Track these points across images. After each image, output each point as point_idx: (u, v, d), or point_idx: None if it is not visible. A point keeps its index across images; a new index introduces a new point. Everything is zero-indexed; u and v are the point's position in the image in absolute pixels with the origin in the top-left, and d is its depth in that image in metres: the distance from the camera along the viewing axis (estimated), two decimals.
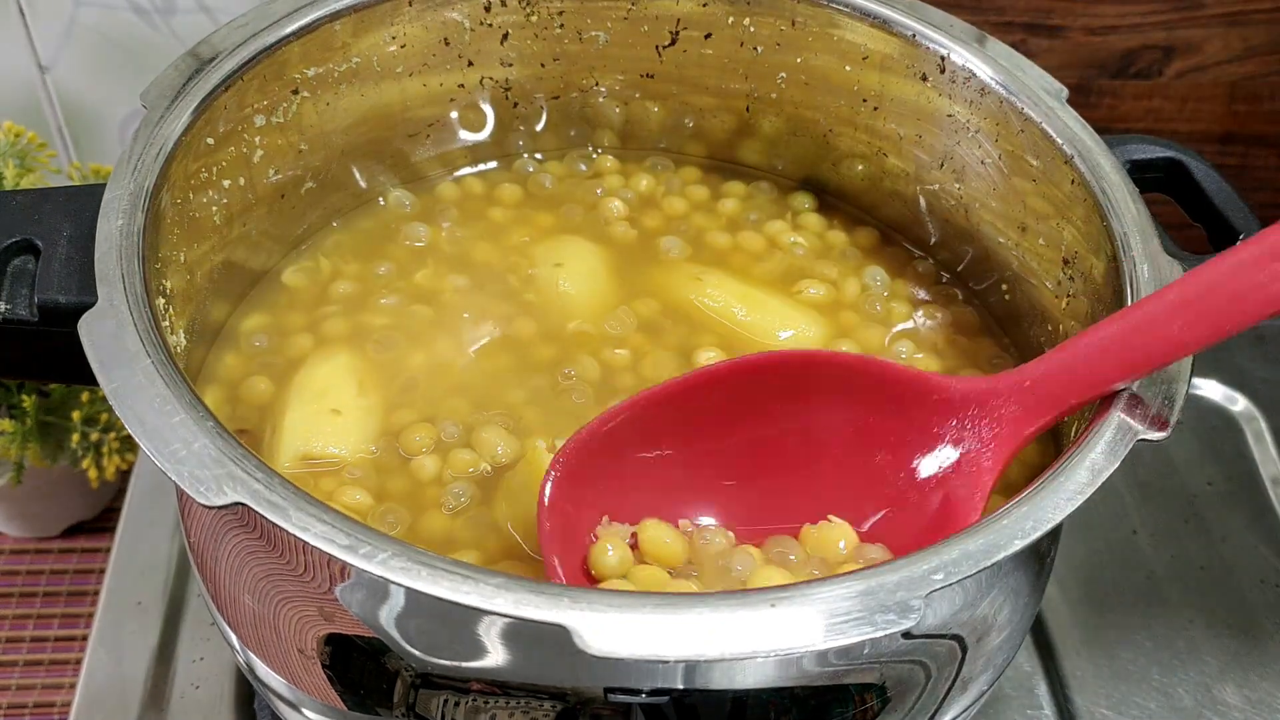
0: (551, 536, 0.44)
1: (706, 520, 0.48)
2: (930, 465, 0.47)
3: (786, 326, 0.59)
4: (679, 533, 0.48)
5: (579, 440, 0.46)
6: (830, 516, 0.47)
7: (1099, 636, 0.69)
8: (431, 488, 0.51)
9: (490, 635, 0.42)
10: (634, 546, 0.47)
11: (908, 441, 0.48)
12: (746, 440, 0.49)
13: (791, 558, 0.47)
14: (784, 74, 0.63)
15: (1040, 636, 0.69)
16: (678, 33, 0.63)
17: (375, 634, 0.43)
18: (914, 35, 0.59)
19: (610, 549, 0.46)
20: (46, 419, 0.85)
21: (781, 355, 0.50)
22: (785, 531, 0.48)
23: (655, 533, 0.47)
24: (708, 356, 0.56)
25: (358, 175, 0.63)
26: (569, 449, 0.46)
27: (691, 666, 0.42)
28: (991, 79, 0.57)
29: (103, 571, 0.71)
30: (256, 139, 0.56)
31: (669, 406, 0.47)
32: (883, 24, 0.59)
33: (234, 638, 0.50)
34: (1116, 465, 0.42)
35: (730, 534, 0.48)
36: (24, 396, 0.83)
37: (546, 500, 0.45)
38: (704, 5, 0.62)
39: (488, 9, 0.62)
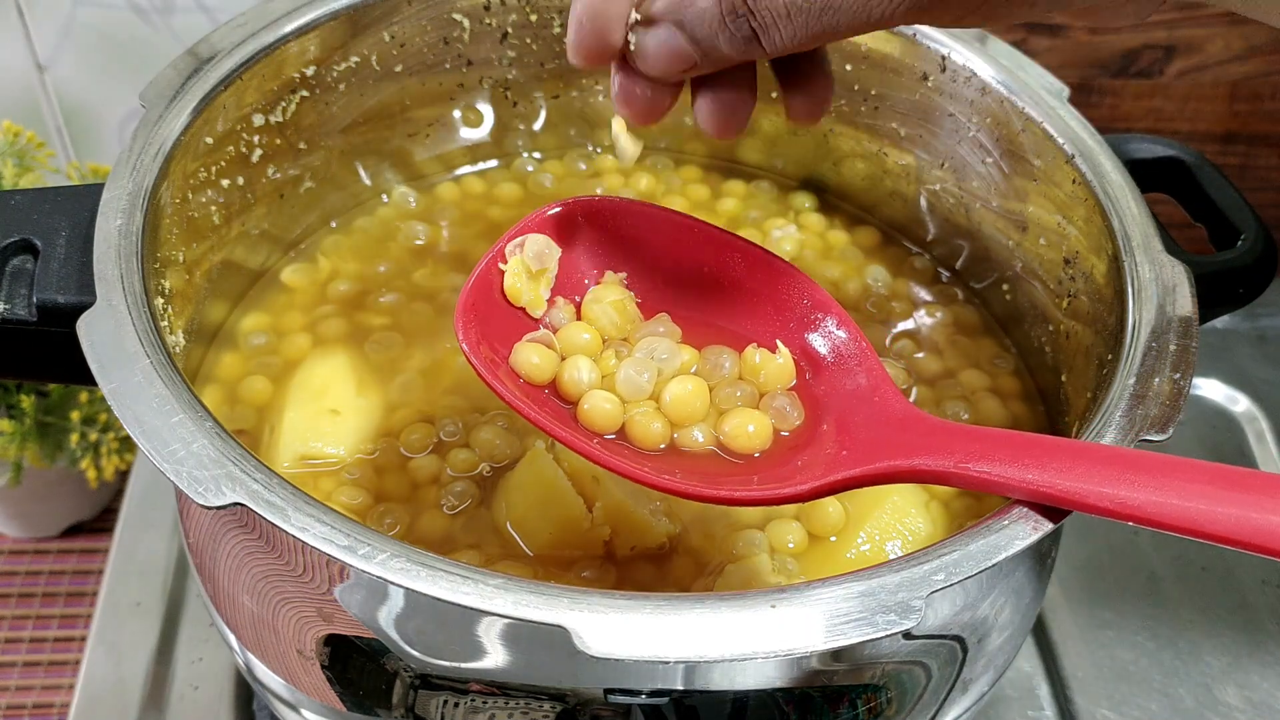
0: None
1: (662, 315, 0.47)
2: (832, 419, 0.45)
3: None
4: (627, 301, 0.46)
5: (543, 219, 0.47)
6: (779, 343, 0.46)
7: (1100, 637, 0.69)
8: (430, 488, 0.51)
9: (489, 636, 0.42)
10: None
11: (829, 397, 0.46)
12: (714, 297, 0.48)
13: (724, 368, 0.45)
14: None
15: (1041, 637, 0.69)
16: None
17: (374, 635, 0.43)
18: (915, 34, 0.58)
19: (519, 268, 0.45)
20: (45, 419, 0.85)
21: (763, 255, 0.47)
22: (733, 345, 0.47)
23: (603, 292, 0.46)
24: None
25: (359, 174, 0.63)
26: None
27: (692, 667, 0.42)
28: (992, 78, 0.57)
29: (101, 572, 0.71)
30: (255, 138, 0.56)
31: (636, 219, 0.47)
32: None
33: (233, 638, 0.49)
34: None
35: (678, 330, 0.47)
36: (23, 397, 0.83)
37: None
38: None
39: (487, 8, 0.62)
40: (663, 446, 0.45)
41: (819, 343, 0.46)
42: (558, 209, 0.47)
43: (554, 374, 0.45)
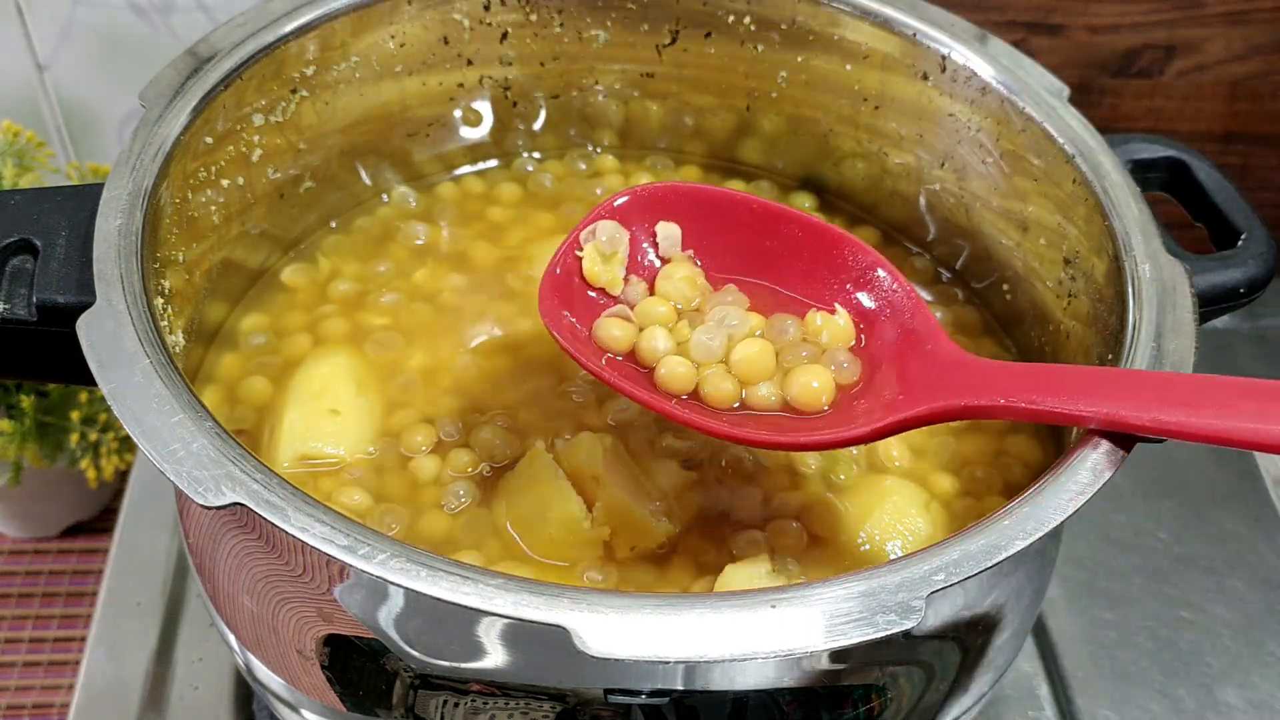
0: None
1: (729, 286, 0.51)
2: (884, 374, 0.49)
3: None
4: (697, 275, 0.50)
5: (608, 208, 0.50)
6: (837, 306, 0.50)
7: (1100, 637, 0.69)
8: (430, 488, 0.51)
9: (489, 636, 0.42)
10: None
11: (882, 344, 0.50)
12: (773, 265, 0.52)
13: (789, 332, 0.49)
14: (784, 73, 0.63)
15: (1041, 637, 0.69)
16: (678, 31, 0.63)
17: (374, 635, 0.43)
18: (915, 34, 0.58)
19: (599, 250, 0.50)
20: (45, 419, 0.85)
21: (822, 227, 0.51)
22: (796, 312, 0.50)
23: (674, 269, 0.50)
24: None
25: (359, 174, 0.63)
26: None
27: (692, 667, 0.42)
28: (993, 78, 0.57)
29: (101, 572, 0.71)
30: (255, 138, 0.56)
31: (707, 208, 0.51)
32: (883, 23, 0.59)
33: (233, 638, 0.49)
34: (1118, 466, 0.42)
35: (745, 298, 0.50)
36: (22, 396, 0.83)
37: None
38: (704, 4, 0.62)
39: (487, 8, 0.62)
40: (735, 406, 0.48)
41: (873, 299, 0.50)
42: (624, 199, 0.51)
43: (632, 344, 0.49)
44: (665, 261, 0.51)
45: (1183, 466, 0.78)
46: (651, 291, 0.50)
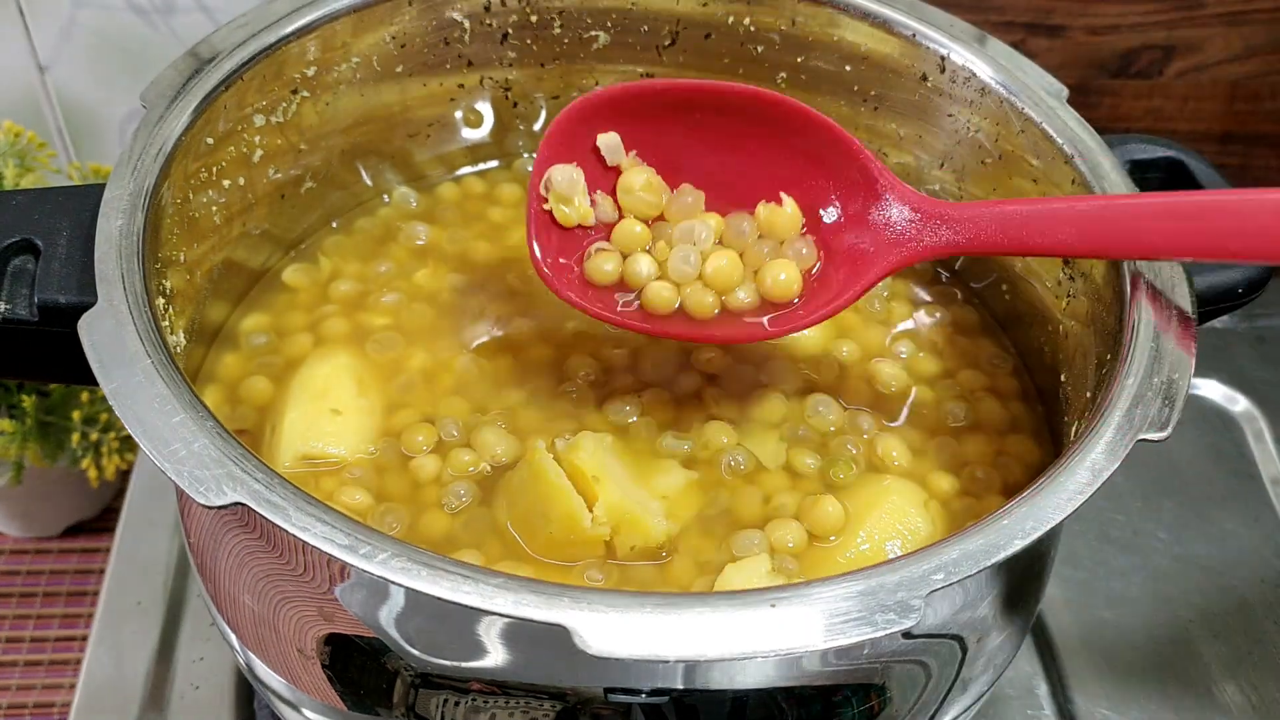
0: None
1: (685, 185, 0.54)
2: (848, 229, 0.52)
3: None
4: (652, 176, 0.53)
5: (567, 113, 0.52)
6: (783, 195, 0.52)
7: (1099, 637, 0.69)
8: (431, 488, 0.51)
9: (490, 635, 0.42)
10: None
11: (841, 201, 0.53)
12: (715, 148, 0.54)
13: (745, 231, 0.53)
14: (784, 74, 0.63)
15: (1041, 637, 0.69)
16: (678, 32, 0.63)
17: (375, 634, 0.43)
18: (914, 35, 0.59)
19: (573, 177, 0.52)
20: (46, 419, 0.85)
21: (754, 92, 0.53)
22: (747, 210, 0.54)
23: (631, 179, 0.53)
24: (707, 357, 0.56)
25: (360, 174, 0.63)
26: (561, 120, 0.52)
27: (691, 666, 0.42)
28: (992, 79, 0.57)
29: (103, 571, 0.71)
30: (256, 139, 0.56)
31: (648, 101, 0.53)
32: (883, 24, 0.59)
33: (234, 638, 0.50)
34: (1117, 465, 0.42)
35: (701, 194, 0.53)
36: (24, 396, 0.83)
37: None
38: (704, 5, 0.62)
39: (487, 9, 0.62)
40: (716, 312, 0.52)
41: (823, 155, 0.52)
42: (559, 128, 0.52)
43: (621, 271, 0.53)
44: (616, 171, 0.53)
45: (1183, 466, 0.78)
46: (616, 201, 0.53)
